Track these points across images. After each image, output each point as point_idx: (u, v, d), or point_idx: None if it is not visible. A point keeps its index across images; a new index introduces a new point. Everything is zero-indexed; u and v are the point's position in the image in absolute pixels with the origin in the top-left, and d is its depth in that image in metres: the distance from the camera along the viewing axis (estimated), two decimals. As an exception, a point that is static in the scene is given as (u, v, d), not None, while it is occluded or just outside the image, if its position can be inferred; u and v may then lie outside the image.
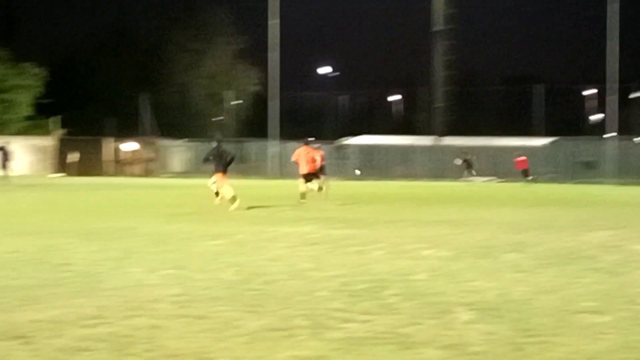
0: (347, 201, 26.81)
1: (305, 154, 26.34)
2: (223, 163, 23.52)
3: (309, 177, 26.11)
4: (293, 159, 26.95)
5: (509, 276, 10.33)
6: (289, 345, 6.70)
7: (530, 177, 47.46)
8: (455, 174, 51.93)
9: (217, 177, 23.46)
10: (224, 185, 23.25)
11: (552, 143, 58.50)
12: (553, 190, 40.75)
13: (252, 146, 57.87)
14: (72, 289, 9.18)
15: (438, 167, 55.53)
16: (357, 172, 49.06)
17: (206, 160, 24.14)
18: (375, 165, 56.13)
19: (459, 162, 52.51)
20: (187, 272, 10.44)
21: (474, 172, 50.67)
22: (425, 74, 74.09)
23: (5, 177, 41.47)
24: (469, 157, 52.09)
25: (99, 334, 6.97)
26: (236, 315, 7.73)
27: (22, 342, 6.65)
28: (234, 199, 22.51)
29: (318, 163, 26.21)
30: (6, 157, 43.68)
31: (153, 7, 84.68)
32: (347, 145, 59.55)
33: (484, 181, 50.04)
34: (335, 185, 29.21)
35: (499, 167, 52.71)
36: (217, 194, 23.74)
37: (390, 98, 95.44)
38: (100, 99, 74.23)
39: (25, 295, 8.73)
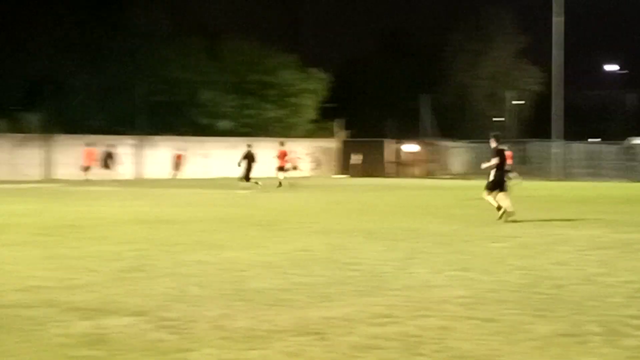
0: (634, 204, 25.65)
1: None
2: None
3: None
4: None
5: None
6: (581, 352, 6.50)
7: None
8: None
9: None
10: None
11: None
12: None
13: (534, 147, 56.59)
14: (361, 287, 9.39)
15: None
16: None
17: None
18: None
19: None
20: (473, 274, 10.38)
21: None
22: None
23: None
24: None
25: (389, 333, 7.08)
26: (525, 319, 7.58)
27: (317, 338, 6.87)
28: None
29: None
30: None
31: (433, 8, 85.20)
32: (635, 146, 56.82)
33: None
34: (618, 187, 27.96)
35: None
36: None
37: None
38: (381, 101, 75.65)
39: (317, 292, 9.04)
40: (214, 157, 51.96)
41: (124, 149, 50.10)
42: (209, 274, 10.30)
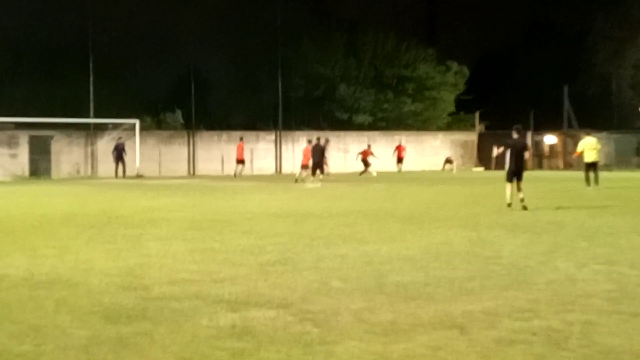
0: None
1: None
2: None
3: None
4: None
5: None
6: None
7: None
8: None
9: None
10: None
11: None
12: None
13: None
14: (503, 281, 9.32)
15: None
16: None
17: None
18: None
19: None
20: (619, 268, 10.15)
21: None
22: None
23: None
24: None
25: (533, 327, 7.01)
26: (675, 315, 7.38)
27: (459, 332, 6.87)
28: None
29: None
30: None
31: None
32: None
33: None
34: None
35: None
36: None
37: None
38: (520, 92, 74.40)
39: (458, 286, 9.02)
40: (353, 152, 52.27)
41: (265, 144, 50.97)
42: (350, 267, 10.41)
